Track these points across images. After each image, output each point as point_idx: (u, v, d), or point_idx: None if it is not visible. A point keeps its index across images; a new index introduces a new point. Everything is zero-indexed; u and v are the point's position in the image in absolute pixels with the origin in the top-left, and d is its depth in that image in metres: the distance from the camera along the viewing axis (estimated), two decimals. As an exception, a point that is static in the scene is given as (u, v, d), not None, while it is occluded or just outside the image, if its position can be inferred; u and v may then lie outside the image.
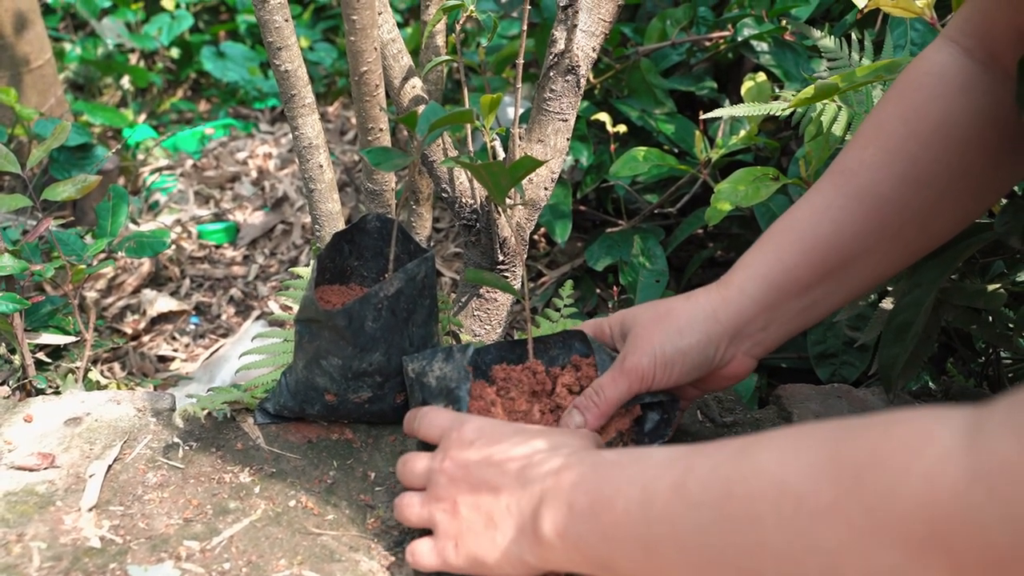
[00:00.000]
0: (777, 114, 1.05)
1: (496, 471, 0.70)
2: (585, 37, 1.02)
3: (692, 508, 0.56)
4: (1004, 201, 0.94)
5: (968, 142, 0.78)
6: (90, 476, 0.85)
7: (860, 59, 1.16)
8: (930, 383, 1.19)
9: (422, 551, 0.73)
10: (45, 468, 0.86)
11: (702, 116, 1.25)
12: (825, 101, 1.05)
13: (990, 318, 1.03)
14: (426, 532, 0.75)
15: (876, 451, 0.47)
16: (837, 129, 1.04)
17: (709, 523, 0.55)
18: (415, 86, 1.07)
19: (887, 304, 1.10)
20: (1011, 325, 1.02)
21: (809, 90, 0.94)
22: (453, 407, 0.81)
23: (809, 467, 0.50)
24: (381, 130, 1.09)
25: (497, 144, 1.06)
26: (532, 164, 0.78)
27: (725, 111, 1.09)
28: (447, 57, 1.08)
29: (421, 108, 0.85)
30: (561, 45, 1.02)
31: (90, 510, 0.81)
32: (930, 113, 0.79)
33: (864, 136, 0.83)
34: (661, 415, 0.86)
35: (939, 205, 0.81)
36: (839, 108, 1.05)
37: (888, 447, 0.47)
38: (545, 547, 0.65)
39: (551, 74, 1.04)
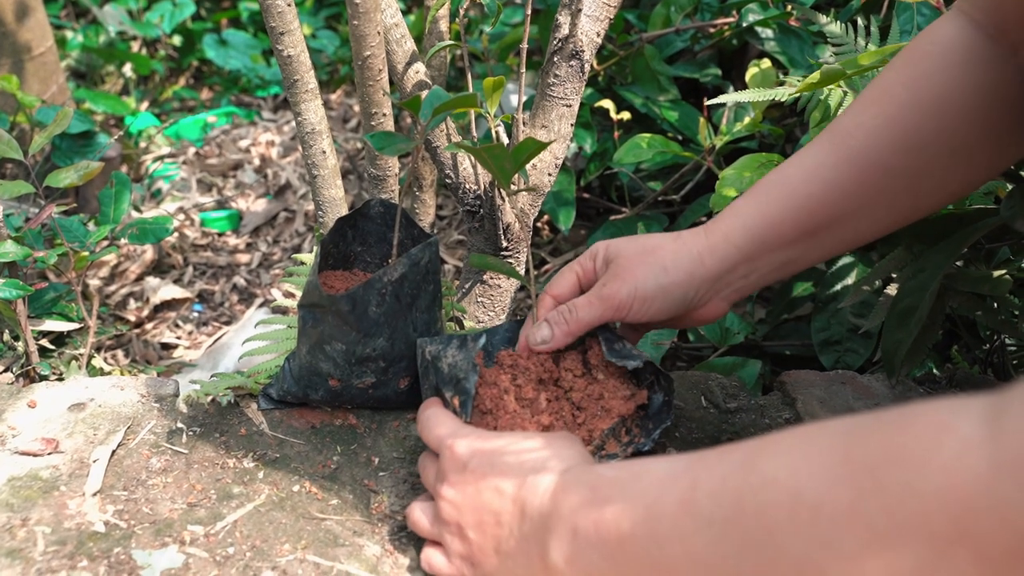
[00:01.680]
0: (782, 100, 1.04)
1: (493, 495, 0.69)
2: (589, 22, 1.02)
3: (703, 525, 0.54)
4: (1010, 186, 0.94)
5: (968, 115, 0.78)
6: (94, 461, 0.85)
7: (866, 45, 1.15)
8: (934, 370, 1.19)
9: (439, 564, 0.73)
10: (49, 453, 0.86)
11: (707, 102, 1.25)
12: (831, 86, 1.04)
13: (995, 304, 1.02)
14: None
15: (890, 448, 0.46)
16: (843, 114, 1.03)
17: (722, 539, 0.53)
18: (418, 71, 1.07)
19: (892, 291, 1.09)
20: (1016, 312, 1.02)
21: (815, 75, 0.94)
22: (460, 398, 0.81)
23: (822, 471, 0.49)
24: (384, 115, 1.09)
25: (501, 130, 1.06)
26: (536, 147, 0.78)
27: (730, 96, 1.09)
28: (451, 42, 1.08)
29: (424, 93, 0.84)
30: (565, 30, 1.02)
31: (94, 495, 0.81)
32: (934, 83, 0.78)
33: (865, 99, 0.83)
34: (664, 397, 0.86)
35: (931, 176, 0.81)
36: (845, 93, 1.04)
37: (903, 442, 0.46)
38: (554, 573, 0.64)
39: (555, 59, 1.03)
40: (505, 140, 1.07)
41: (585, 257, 0.91)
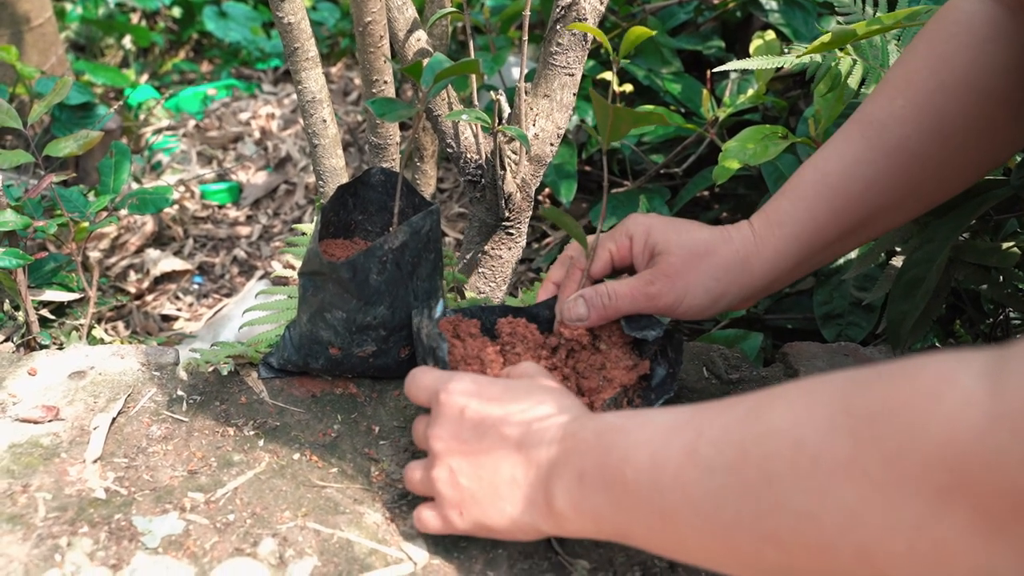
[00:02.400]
0: (789, 67, 1.03)
1: (493, 438, 0.68)
2: (593, -11, 1.00)
3: (706, 473, 0.54)
4: (1020, 156, 0.93)
5: (992, 94, 0.77)
6: (94, 429, 0.85)
7: (874, 14, 1.14)
8: (937, 343, 1.19)
9: (427, 518, 0.72)
10: (49, 421, 0.86)
11: (711, 71, 1.24)
12: (840, 55, 1.03)
13: (1001, 277, 1.02)
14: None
15: (892, 399, 0.46)
16: (852, 82, 1.02)
17: (724, 487, 0.53)
18: (420, 39, 1.06)
19: (896, 263, 1.09)
20: (1022, 285, 1.02)
21: (826, 36, 0.93)
22: (438, 367, 0.80)
23: (824, 422, 0.49)
24: (386, 82, 1.08)
25: (503, 99, 1.05)
26: (658, 118, 0.76)
27: (736, 64, 1.08)
28: (452, 9, 1.07)
29: (426, 61, 0.83)
30: (568, -3, 1.00)
31: (95, 462, 0.81)
32: (957, 64, 0.78)
33: (893, 86, 0.82)
34: (668, 370, 0.86)
35: (959, 158, 0.80)
36: (854, 61, 1.03)
37: (904, 394, 0.45)
38: (559, 518, 0.64)
39: (558, 27, 1.02)
40: (507, 110, 1.06)
41: (619, 234, 0.89)
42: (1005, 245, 0.96)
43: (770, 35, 1.25)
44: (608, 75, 1.55)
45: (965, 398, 0.43)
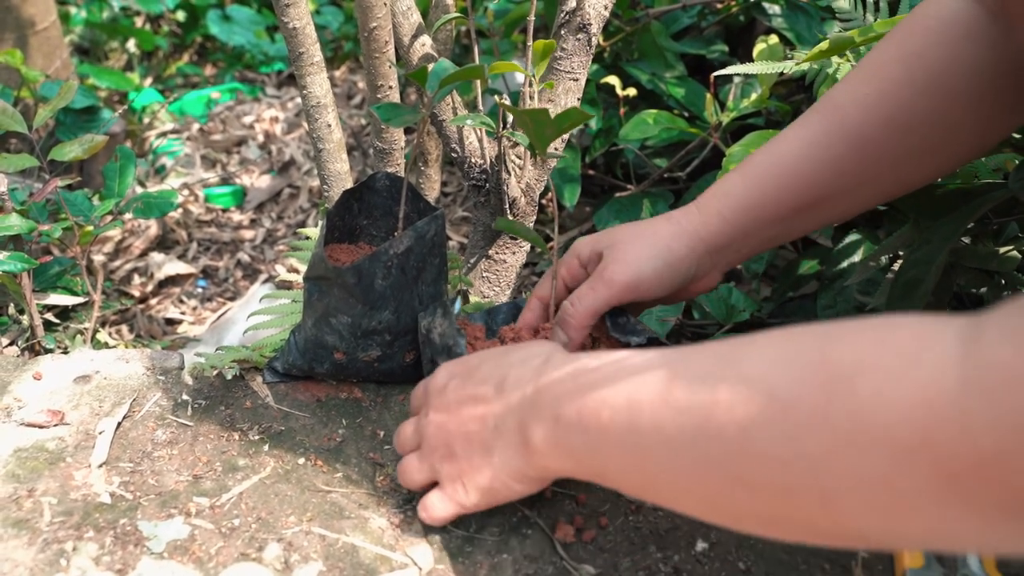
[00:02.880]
0: (790, 72, 1.04)
1: (475, 397, 0.70)
2: (597, -5, 1.01)
3: (679, 414, 0.55)
4: (1019, 159, 0.93)
5: (960, 96, 0.77)
6: (100, 433, 0.85)
7: (875, 20, 1.14)
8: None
9: (434, 503, 0.73)
10: (55, 425, 0.86)
11: (715, 75, 1.24)
12: (840, 60, 1.04)
13: (1003, 282, 1.02)
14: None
15: (867, 356, 0.47)
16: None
17: (696, 428, 0.54)
18: (425, 44, 1.06)
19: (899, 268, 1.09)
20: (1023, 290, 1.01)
21: (825, 43, 0.93)
22: None
23: (798, 372, 0.50)
24: (391, 88, 1.08)
25: (507, 103, 1.05)
26: (579, 117, 0.76)
27: (739, 68, 1.08)
28: (457, 14, 1.07)
29: (431, 66, 0.84)
30: (572, 2, 1.01)
31: (100, 466, 0.81)
32: (930, 60, 0.78)
33: (861, 73, 0.82)
34: None
35: (921, 154, 0.81)
36: (854, 67, 1.03)
37: (880, 352, 0.46)
38: (541, 457, 0.65)
39: (562, 32, 1.03)
40: (511, 116, 1.06)
41: (568, 256, 0.92)
42: (1004, 249, 0.96)
43: (773, 40, 1.26)
44: (612, 79, 1.55)
45: (940, 362, 0.44)
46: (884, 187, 0.84)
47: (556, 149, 1.09)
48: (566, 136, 1.09)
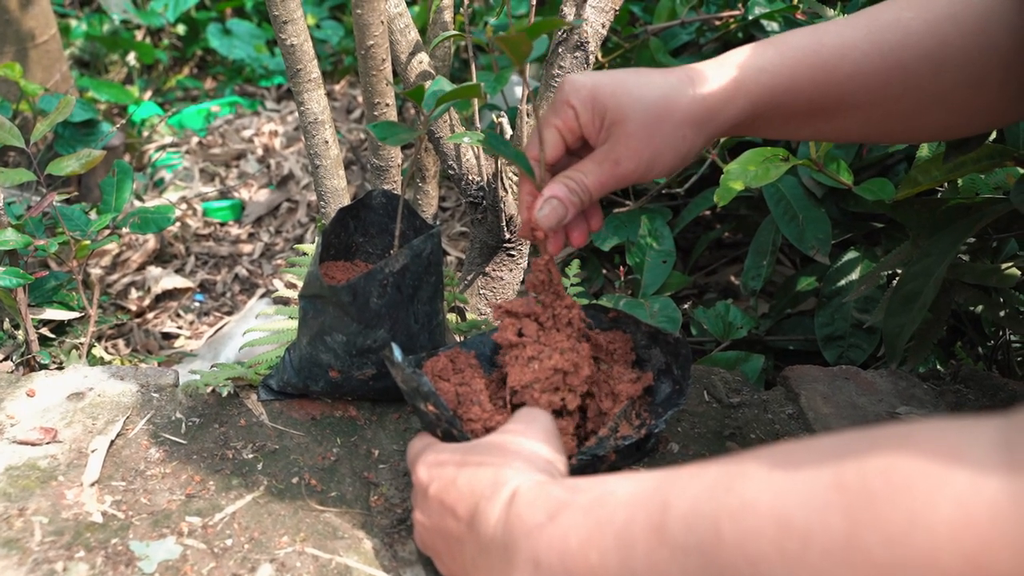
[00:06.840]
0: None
1: (451, 521, 0.67)
2: (595, 13, 1.01)
3: (679, 554, 0.50)
4: (1021, 172, 0.93)
5: (996, 49, 0.74)
6: (92, 451, 0.85)
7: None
8: (938, 366, 1.18)
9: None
10: (47, 443, 0.86)
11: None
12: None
13: (1001, 299, 1.02)
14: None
15: (891, 474, 0.42)
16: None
17: (701, 570, 0.48)
18: (422, 61, 1.06)
19: (897, 286, 1.09)
20: (1022, 308, 1.01)
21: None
22: (429, 402, 0.78)
23: (812, 496, 0.44)
24: (388, 105, 1.08)
25: (504, 121, 1.05)
26: (555, 23, 0.73)
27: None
28: (454, 32, 1.07)
29: (428, 83, 0.84)
30: (570, 19, 1.01)
31: (92, 485, 0.81)
32: (976, 3, 0.75)
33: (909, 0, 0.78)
34: (673, 386, 0.85)
35: (940, 101, 0.78)
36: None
37: (905, 468, 0.42)
38: None
39: (560, 50, 1.03)
40: (508, 131, 1.06)
41: (560, 106, 0.78)
42: (1004, 266, 0.95)
43: (772, 57, 1.25)
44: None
45: (977, 474, 0.39)
46: (892, 124, 0.80)
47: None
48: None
